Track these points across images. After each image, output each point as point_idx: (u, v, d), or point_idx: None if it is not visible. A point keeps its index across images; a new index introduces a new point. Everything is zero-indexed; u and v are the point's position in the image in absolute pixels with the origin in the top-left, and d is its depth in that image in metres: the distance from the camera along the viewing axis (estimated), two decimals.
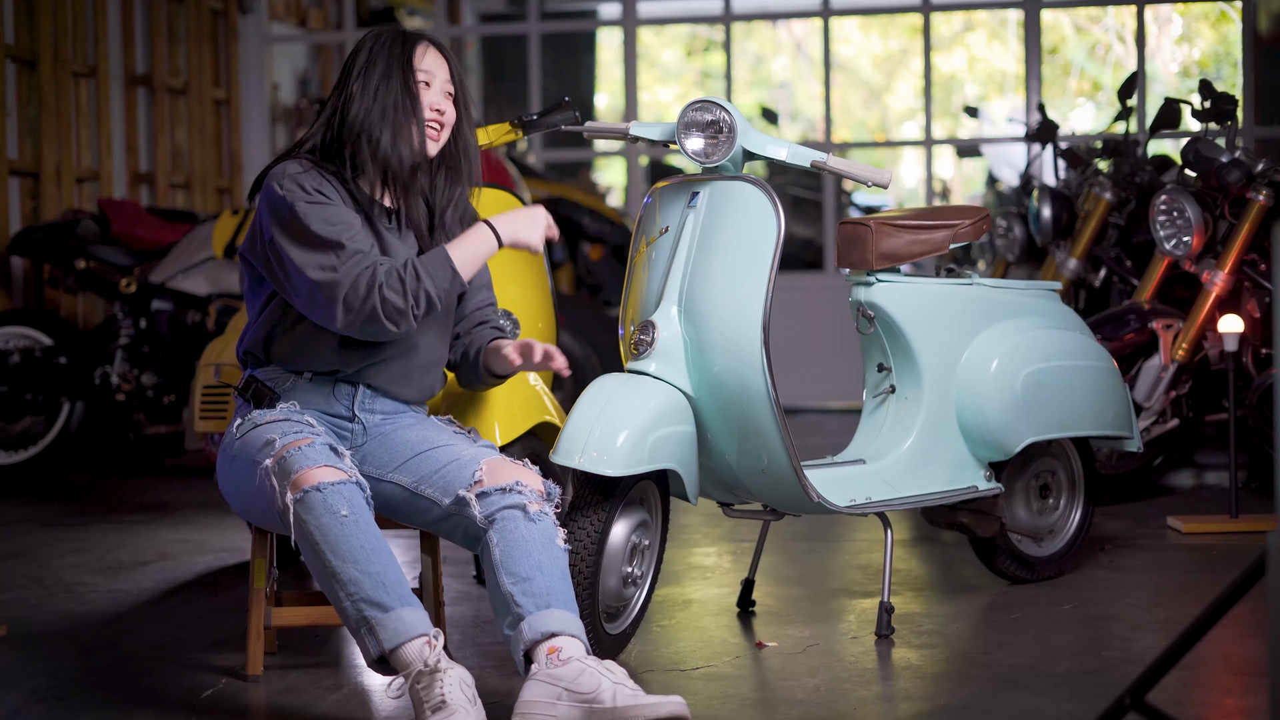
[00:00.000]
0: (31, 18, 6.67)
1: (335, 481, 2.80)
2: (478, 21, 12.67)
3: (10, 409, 5.98)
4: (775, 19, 13.34)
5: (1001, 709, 2.85)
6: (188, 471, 6.41)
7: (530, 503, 2.85)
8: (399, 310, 2.91)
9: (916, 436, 3.60)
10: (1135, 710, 2.30)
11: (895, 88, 15.92)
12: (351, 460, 2.97)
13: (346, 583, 2.77)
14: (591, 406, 3.13)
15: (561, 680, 2.66)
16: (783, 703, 2.93)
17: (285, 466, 2.83)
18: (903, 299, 3.59)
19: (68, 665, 3.29)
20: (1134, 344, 5.05)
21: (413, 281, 2.93)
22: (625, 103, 8.64)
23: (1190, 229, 4.95)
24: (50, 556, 4.59)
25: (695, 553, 4.47)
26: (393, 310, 2.91)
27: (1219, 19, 12.91)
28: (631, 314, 3.37)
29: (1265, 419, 4.78)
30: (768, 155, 3.32)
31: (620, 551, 3.19)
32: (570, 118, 3.96)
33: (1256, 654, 3.15)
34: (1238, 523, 4.57)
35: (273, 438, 2.90)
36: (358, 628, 2.77)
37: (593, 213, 7.50)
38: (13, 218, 6.56)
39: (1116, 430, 3.91)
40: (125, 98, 7.43)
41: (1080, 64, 14.45)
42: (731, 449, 3.30)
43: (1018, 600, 3.73)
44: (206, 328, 6.07)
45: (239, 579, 4.18)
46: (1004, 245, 6.33)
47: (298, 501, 2.80)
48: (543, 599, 2.76)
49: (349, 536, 2.77)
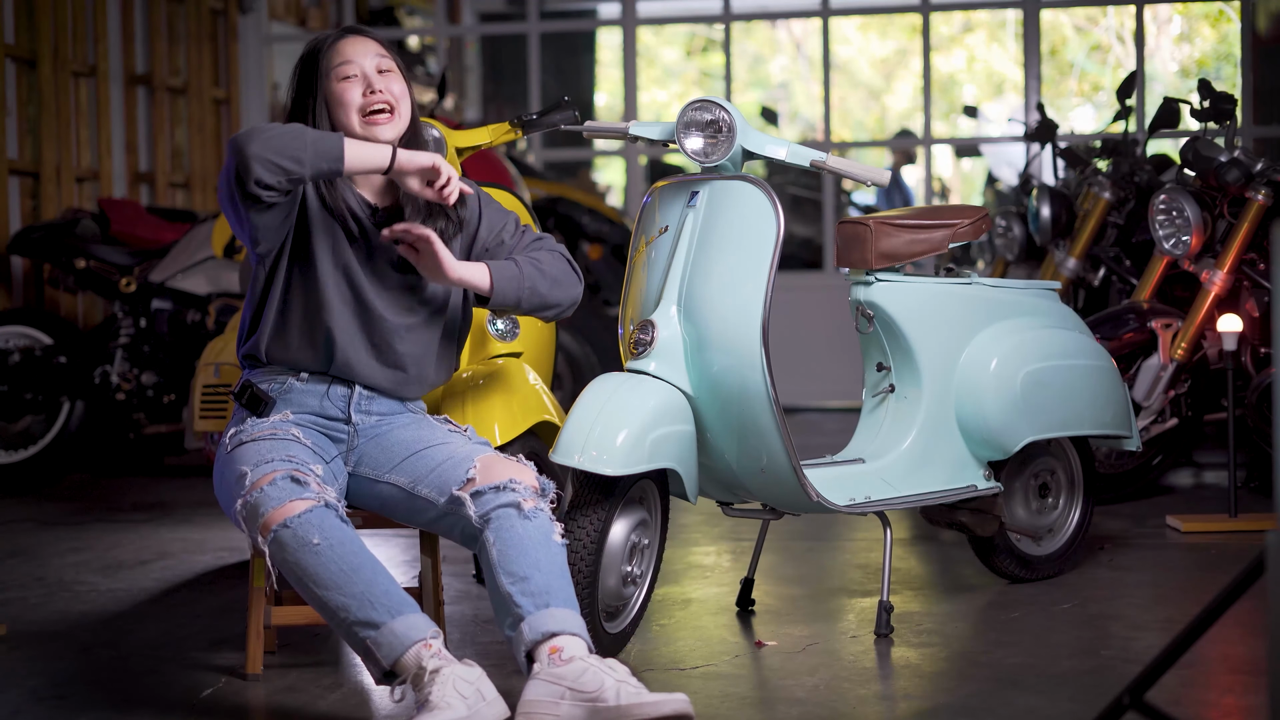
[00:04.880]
0: (31, 18, 6.68)
1: (302, 512, 2.80)
2: (478, 21, 12.66)
3: (10, 408, 5.98)
4: (775, 19, 13.34)
5: (1001, 708, 2.85)
6: (188, 471, 6.41)
7: (524, 500, 2.85)
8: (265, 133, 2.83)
9: (916, 436, 3.60)
10: (1134, 709, 2.30)
11: (894, 88, 15.92)
12: (337, 466, 2.98)
13: (336, 610, 2.77)
14: (591, 406, 3.13)
15: (564, 679, 2.66)
16: (782, 701, 2.93)
17: (251, 511, 2.84)
18: (902, 298, 3.60)
19: (68, 664, 3.29)
20: (1133, 343, 5.05)
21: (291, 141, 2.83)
22: (625, 102, 8.64)
23: (1189, 228, 4.95)
24: (50, 556, 4.59)
25: (695, 552, 4.47)
26: (260, 132, 2.83)
27: (1218, 18, 12.91)
28: (631, 313, 3.37)
29: (1264, 418, 4.79)
30: (767, 155, 3.32)
31: (620, 550, 3.20)
32: (570, 117, 3.96)
33: (1255, 653, 3.15)
34: (1237, 522, 4.57)
35: (244, 470, 2.89)
36: (359, 650, 2.78)
37: (592, 212, 7.50)
38: (13, 217, 6.56)
39: (1115, 429, 3.92)
40: (125, 97, 7.44)
41: (1080, 64, 14.45)
42: (731, 448, 3.30)
43: (1017, 599, 3.73)
44: (206, 327, 6.07)
45: (239, 579, 4.18)
46: (1003, 245, 6.33)
47: (271, 543, 2.80)
48: (542, 598, 2.75)
49: (325, 564, 2.77)
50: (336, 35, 3.07)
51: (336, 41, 3.06)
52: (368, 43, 3.06)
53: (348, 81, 3.03)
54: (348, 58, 3.03)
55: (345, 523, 2.84)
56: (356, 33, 3.08)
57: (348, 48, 3.05)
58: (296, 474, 2.85)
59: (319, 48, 3.06)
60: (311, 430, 3.04)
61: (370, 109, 3.02)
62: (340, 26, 3.11)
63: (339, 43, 3.05)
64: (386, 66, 3.06)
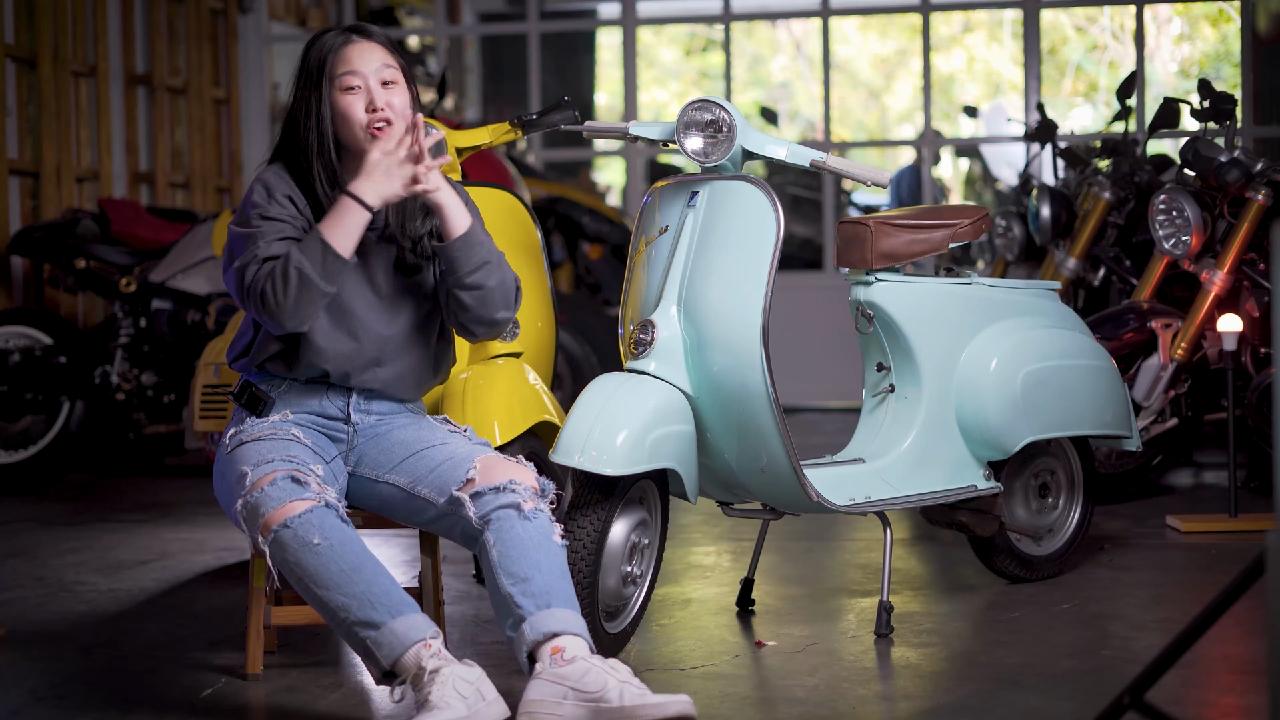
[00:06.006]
0: (31, 17, 6.68)
1: (302, 512, 2.80)
2: (478, 21, 12.67)
3: (10, 408, 5.98)
4: (775, 19, 13.35)
5: (1001, 708, 2.85)
6: (188, 471, 6.41)
7: (524, 500, 2.84)
8: (276, 297, 2.87)
9: (916, 436, 3.61)
10: (1134, 709, 2.30)
11: (894, 88, 15.92)
12: (337, 466, 2.98)
13: (336, 610, 2.78)
14: (591, 406, 3.13)
15: (567, 680, 2.65)
16: (782, 702, 2.93)
17: (252, 512, 2.84)
18: (902, 298, 3.60)
19: (68, 665, 3.29)
20: (1133, 343, 5.05)
21: (283, 264, 2.87)
22: (625, 102, 8.64)
23: (1189, 228, 4.95)
24: (50, 556, 4.59)
25: (695, 552, 4.47)
26: (271, 298, 2.87)
27: (1218, 18, 12.91)
28: (631, 313, 3.37)
29: (1264, 418, 4.79)
30: (767, 154, 3.32)
31: (620, 551, 3.20)
32: (570, 117, 3.96)
33: (1255, 653, 3.15)
34: (1237, 522, 4.57)
35: (245, 470, 2.89)
36: (359, 650, 2.78)
37: (592, 212, 7.51)
38: (13, 217, 6.56)
39: (1115, 429, 3.92)
40: (125, 97, 7.44)
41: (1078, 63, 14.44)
42: (731, 448, 3.30)
43: (1017, 599, 3.73)
44: (206, 327, 6.07)
45: (239, 579, 4.18)
46: (1003, 245, 6.34)
47: (271, 543, 2.80)
48: (543, 598, 2.75)
49: (325, 564, 2.78)
50: (342, 39, 3.03)
51: (343, 47, 3.02)
52: (373, 49, 3.03)
53: (351, 94, 3.00)
54: (353, 67, 3.00)
55: (346, 523, 2.84)
56: (362, 34, 3.04)
57: (353, 55, 3.01)
58: (297, 474, 2.85)
59: (324, 51, 3.04)
60: (311, 430, 3.04)
61: (373, 125, 3.00)
62: (344, 26, 3.08)
63: (345, 49, 3.02)
64: (390, 77, 3.03)
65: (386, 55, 3.04)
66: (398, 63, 3.05)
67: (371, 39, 3.04)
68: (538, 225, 4.05)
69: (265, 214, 2.96)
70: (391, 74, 3.03)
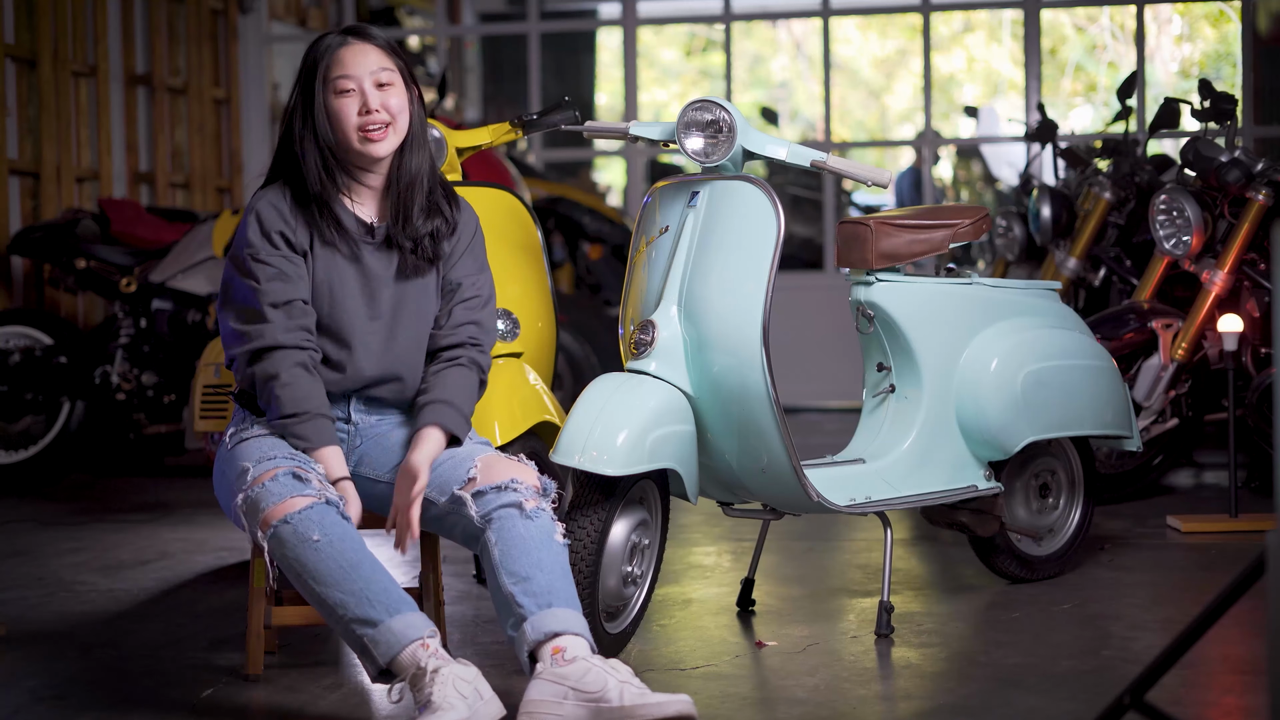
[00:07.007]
0: (31, 17, 6.68)
1: (302, 509, 2.80)
2: (478, 21, 12.67)
3: (10, 408, 5.98)
4: (775, 19, 13.34)
5: (1001, 708, 2.85)
6: (188, 471, 6.41)
7: (526, 500, 2.85)
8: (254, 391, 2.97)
9: (916, 436, 3.60)
10: (1135, 709, 2.30)
11: (894, 88, 15.92)
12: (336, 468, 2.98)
13: (334, 606, 2.77)
14: (591, 406, 3.13)
15: (567, 679, 2.65)
16: (782, 702, 2.93)
17: (252, 506, 2.84)
18: (902, 298, 3.60)
19: (68, 665, 3.29)
20: (1133, 343, 5.05)
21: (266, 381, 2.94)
22: (625, 102, 8.64)
23: (1190, 228, 4.95)
24: (50, 556, 4.59)
25: (695, 552, 4.47)
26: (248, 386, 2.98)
27: (1218, 19, 12.91)
28: (631, 313, 3.37)
29: (1265, 418, 4.79)
30: (767, 155, 3.32)
31: (620, 551, 3.20)
32: (570, 117, 3.96)
33: (1255, 653, 3.15)
34: (1237, 522, 4.57)
35: (246, 466, 2.90)
36: (355, 648, 2.78)
37: (593, 212, 7.50)
38: (13, 217, 6.56)
39: (1116, 429, 3.92)
40: (125, 97, 7.44)
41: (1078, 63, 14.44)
42: (731, 448, 3.30)
43: (1017, 599, 3.73)
44: (206, 327, 6.07)
45: (239, 579, 4.18)
46: (1004, 245, 6.34)
47: (270, 539, 2.80)
48: (544, 598, 2.75)
49: (324, 560, 2.77)
50: (339, 41, 3.02)
51: (338, 49, 3.01)
52: (369, 51, 3.01)
53: (345, 97, 2.99)
54: (347, 70, 2.99)
55: (346, 520, 2.84)
56: (360, 36, 3.02)
57: (348, 57, 3.00)
58: (299, 470, 2.86)
59: (319, 54, 3.03)
60: None
61: (366, 128, 2.99)
62: (343, 27, 3.07)
63: (340, 51, 3.00)
64: (387, 79, 3.01)
65: (383, 57, 3.02)
66: (396, 64, 3.03)
67: (368, 40, 3.03)
68: (538, 225, 4.04)
69: (257, 257, 2.97)
70: (388, 75, 3.01)
